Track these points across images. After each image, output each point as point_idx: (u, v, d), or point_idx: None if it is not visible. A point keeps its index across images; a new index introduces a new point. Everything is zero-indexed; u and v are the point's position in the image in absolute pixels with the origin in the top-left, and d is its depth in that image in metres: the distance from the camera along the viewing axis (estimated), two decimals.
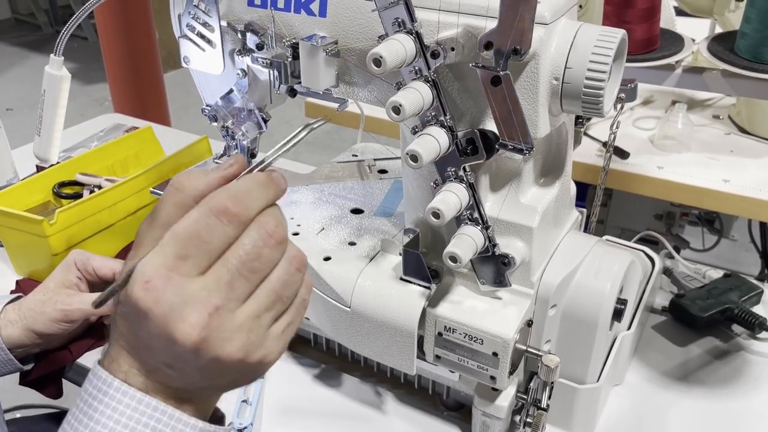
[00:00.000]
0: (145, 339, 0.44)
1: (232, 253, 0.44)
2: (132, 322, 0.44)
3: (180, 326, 0.42)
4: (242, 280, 0.44)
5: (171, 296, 0.42)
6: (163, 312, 0.42)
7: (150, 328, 0.43)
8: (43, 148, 0.73)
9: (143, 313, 0.42)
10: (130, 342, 0.45)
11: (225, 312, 0.43)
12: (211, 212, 0.44)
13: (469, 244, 0.69)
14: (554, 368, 0.71)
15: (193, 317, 0.42)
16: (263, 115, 0.90)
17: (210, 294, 0.43)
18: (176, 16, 0.83)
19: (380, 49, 0.60)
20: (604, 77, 0.63)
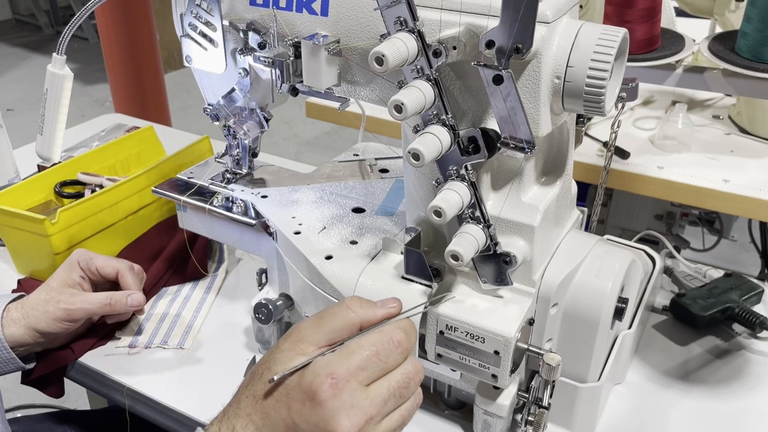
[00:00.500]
0: (298, 419, 0.53)
1: (393, 377, 0.56)
2: (292, 403, 0.53)
3: (343, 422, 0.52)
4: (392, 401, 0.55)
5: (346, 396, 0.52)
6: (336, 407, 0.52)
7: (314, 415, 0.52)
8: (46, 147, 0.73)
9: (319, 401, 0.52)
10: (271, 419, 0.54)
11: (374, 422, 0.54)
12: (392, 341, 0.56)
13: (471, 243, 0.69)
14: (555, 367, 0.71)
15: (355, 419, 0.52)
16: (265, 114, 0.90)
17: (371, 405, 0.53)
18: (178, 16, 0.83)
19: (382, 47, 0.60)
20: (605, 76, 0.63)
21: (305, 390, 0.53)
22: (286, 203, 0.92)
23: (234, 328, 0.99)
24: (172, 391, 0.88)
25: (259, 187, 0.96)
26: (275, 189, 0.95)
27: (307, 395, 0.53)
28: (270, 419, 0.54)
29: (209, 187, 0.96)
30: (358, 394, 0.53)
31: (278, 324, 0.93)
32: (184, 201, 0.94)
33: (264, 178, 0.98)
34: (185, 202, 0.95)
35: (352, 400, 0.52)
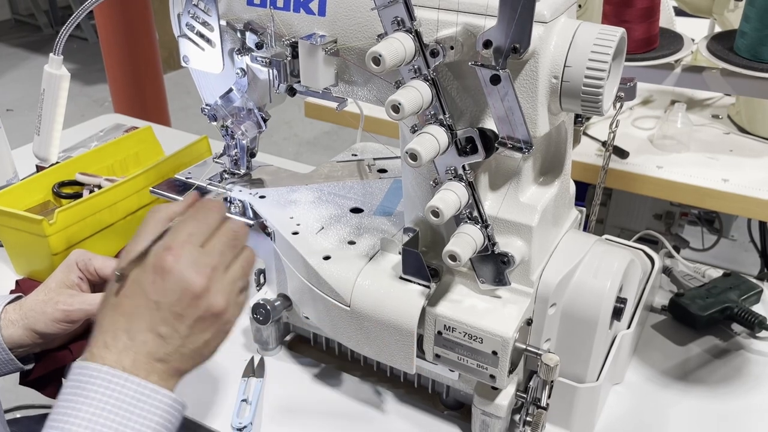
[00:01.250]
0: (155, 296, 0.58)
1: (221, 232, 0.62)
2: (146, 286, 0.58)
3: (194, 277, 0.58)
4: (228, 252, 0.62)
5: (187, 257, 0.58)
6: (183, 268, 0.58)
7: (167, 283, 0.58)
8: (43, 148, 0.73)
9: (167, 269, 0.58)
10: (134, 315, 0.58)
11: (220, 271, 0.60)
12: (204, 207, 0.62)
13: (469, 243, 0.69)
14: (554, 367, 0.71)
15: (203, 271, 0.59)
16: (263, 114, 0.90)
17: (211, 257, 0.60)
18: (176, 16, 0.83)
19: (379, 47, 0.60)
20: (603, 75, 0.63)
21: (151, 269, 0.58)
22: (284, 203, 0.92)
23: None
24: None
25: (257, 187, 0.96)
26: (273, 189, 0.95)
27: (155, 271, 0.58)
28: (133, 315, 0.58)
29: (207, 187, 0.96)
30: (196, 252, 0.59)
31: (276, 324, 0.93)
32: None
33: (262, 179, 0.98)
34: None
35: (194, 258, 0.59)
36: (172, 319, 0.58)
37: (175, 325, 0.59)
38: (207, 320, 0.60)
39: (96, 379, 0.56)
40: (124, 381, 0.56)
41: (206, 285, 0.59)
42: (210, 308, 0.59)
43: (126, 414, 0.55)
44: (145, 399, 0.56)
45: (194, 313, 0.59)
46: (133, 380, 0.56)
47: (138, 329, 0.58)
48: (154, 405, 0.57)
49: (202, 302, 0.59)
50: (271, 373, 0.91)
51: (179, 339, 0.59)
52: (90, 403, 0.55)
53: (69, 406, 0.55)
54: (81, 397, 0.55)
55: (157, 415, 0.57)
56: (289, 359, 0.94)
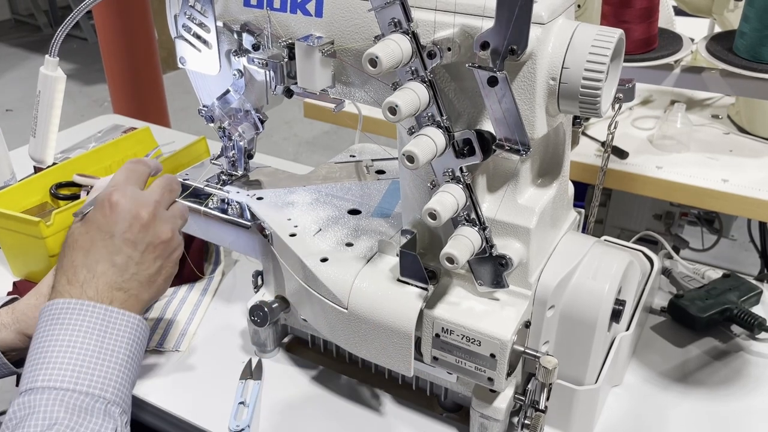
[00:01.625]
0: (108, 227, 0.64)
1: (158, 179, 0.71)
2: (98, 221, 0.64)
3: (140, 208, 0.66)
4: (167, 194, 0.70)
5: (131, 195, 0.66)
6: (130, 203, 0.65)
7: (117, 215, 0.64)
8: (38, 150, 0.73)
9: (114, 203, 0.65)
10: (89, 250, 0.64)
11: (163, 206, 0.68)
12: (134, 161, 0.73)
13: (466, 245, 0.68)
14: (552, 370, 0.71)
15: (148, 206, 0.66)
16: (260, 115, 0.89)
17: (153, 194, 0.68)
18: (172, 17, 0.83)
19: (376, 49, 0.59)
20: (601, 77, 0.62)
21: (100, 206, 0.65)
22: (282, 205, 0.91)
23: (230, 330, 0.99)
24: (167, 394, 0.88)
25: (255, 188, 0.95)
26: (271, 191, 0.95)
27: (105, 207, 0.65)
28: (89, 249, 0.64)
29: (204, 188, 0.96)
30: (138, 192, 0.68)
31: (274, 326, 0.93)
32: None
33: (260, 180, 0.98)
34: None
35: (138, 195, 0.67)
36: (125, 246, 0.65)
37: (129, 253, 0.65)
38: (157, 247, 0.67)
39: (65, 311, 0.61)
40: (91, 308, 0.61)
41: (152, 213, 0.67)
42: (158, 235, 0.67)
43: (100, 335, 0.61)
44: (114, 321, 0.62)
45: (144, 239, 0.66)
46: (99, 306, 0.62)
47: (95, 260, 0.64)
48: (123, 325, 0.63)
49: (150, 230, 0.66)
50: (268, 375, 0.91)
51: (134, 266, 0.65)
52: (65, 330, 0.60)
53: (46, 336, 0.60)
54: (57, 326, 0.61)
55: (128, 333, 0.63)
56: (286, 361, 0.94)
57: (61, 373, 0.59)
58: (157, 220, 0.67)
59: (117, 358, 0.62)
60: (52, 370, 0.58)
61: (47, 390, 0.58)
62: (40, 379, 0.58)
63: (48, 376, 0.58)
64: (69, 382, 0.58)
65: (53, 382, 0.58)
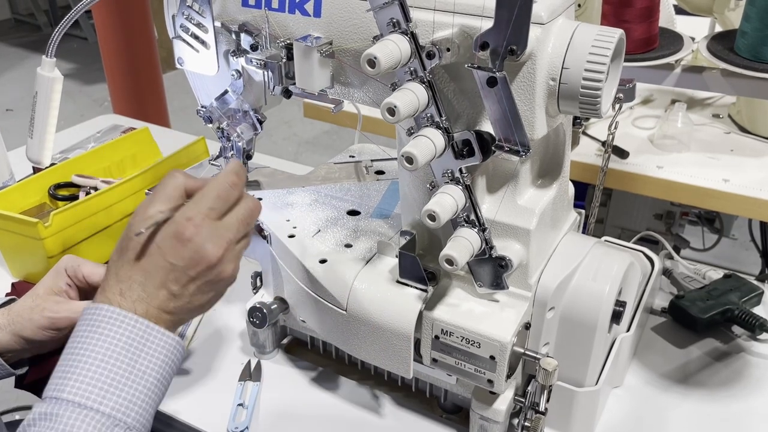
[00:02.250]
0: (173, 259, 0.63)
1: (238, 209, 0.67)
2: (166, 250, 0.63)
3: (211, 249, 0.64)
4: (242, 227, 0.67)
5: (206, 230, 0.64)
6: (201, 239, 0.64)
7: (185, 250, 0.63)
8: (36, 151, 0.72)
9: (186, 239, 0.63)
10: (151, 272, 0.64)
11: (232, 245, 0.66)
12: (228, 182, 0.66)
13: (466, 247, 0.68)
14: (552, 371, 0.70)
15: (219, 243, 0.65)
16: (258, 116, 0.89)
17: (228, 231, 0.66)
18: (170, 17, 0.82)
19: (374, 49, 0.59)
20: (601, 77, 0.62)
21: (172, 236, 0.64)
22: (281, 206, 0.91)
23: (229, 331, 0.99)
24: (166, 395, 0.87)
25: (254, 189, 0.95)
26: (270, 191, 0.94)
27: (176, 238, 0.64)
28: (150, 272, 0.64)
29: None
30: (214, 226, 0.65)
31: (273, 327, 0.92)
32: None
33: (258, 180, 0.97)
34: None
35: (212, 231, 0.65)
36: (185, 280, 0.65)
37: (187, 286, 0.65)
38: (217, 284, 0.67)
39: (110, 320, 0.62)
40: (134, 322, 0.62)
41: (221, 256, 0.65)
42: (220, 275, 0.67)
43: (135, 352, 0.62)
44: (153, 339, 0.63)
45: (205, 277, 0.66)
46: (142, 322, 0.62)
47: (153, 285, 0.64)
48: (161, 345, 0.63)
49: (215, 269, 0.66)
50: (267, 376, 0.91)
51: (188, 297, 0.66)
52: (104, 340, 0.61)
53: (84, 341, 0.61)
54: (96, 334, 0.61)
55: (163, 354, 0.63)
56: (285, 363, 0.93)
57: (89, 388, 0.59)
58: (224, 261, 0.66)
59: (147, 379, 0.62)
60: (80, 382, 0.59)
61: (71, 404, 0.58)
62: (68, 389, 0.59)
63: (76, 387, 0.59)
64: (94, 401, 0.59)
65: (79, 397, 0.59)
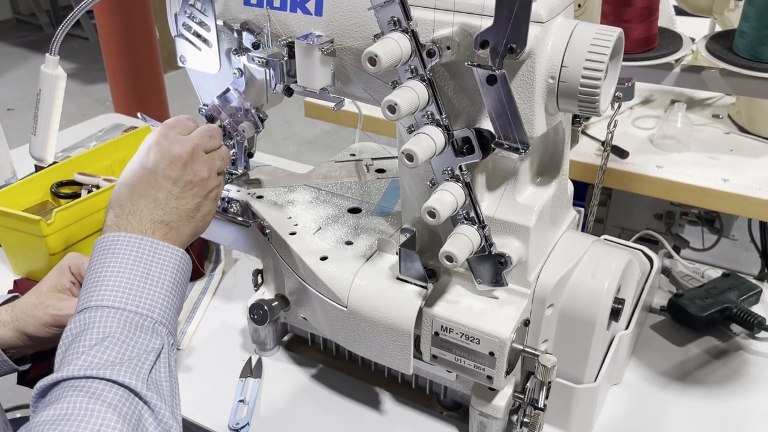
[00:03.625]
0: (150, 165, 0.69)
1: (198, 129, 0.75)
2: (141, 158, 0.70)
3: (179, 148, 0.71)
4: (205, 137, 0.74)
5: (172, 135, 0.72)
6: (169, 141, 0.71)
7: (158, 152, 0.70)
8: (39, 148, 0.73)
9: (156, 143, 0.70)
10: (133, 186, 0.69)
11: (200, 148, 0.73)
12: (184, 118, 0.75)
13: (466, 244, 0.69)
14: (551, 368, 0.71)
15: (185, 144, 0.72)
16: (260, 114, 0.89)
17: (192, 138, 0.73)
18: (172, 16, 0.83)
19: (375, 48, 0.60)
20: (600, 76, 0.62)
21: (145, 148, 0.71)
22: (282, 203, 0.92)
23: (230, 328, 0.99)
24: None
25: (255, 187, 0.96)
26: (271, 189, 0.95)
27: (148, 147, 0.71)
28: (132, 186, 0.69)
29: None
30: (180, 135, 0.73)
31: (274, 325, 0.93)
32: None
33: (260, 179, 0.98)
34: None
35: (178, 138, 0.72)
36: (166, 182, 0.70)
37: (169, 188, 0.70)
38: (195, 185, 0.72)
39: (115, 243, 0.66)
40: (138, 240, 0.66)
41: (190, 153, 0.71)
42: (196, 173, 0.72)
43: (146, 264, 0.66)
44: (158, 253, 0.67)
45: (183, 176, 0.71)
46: (144, 239, 0.66)
47: (138, 195, 0.69)
48: (167, 256, 0.67)
49: (188, 168, 0.71)
50: (268, 373, 0.91)
51: (174, 200, 0.70)
52: (115, 258, 0.65)
53: (98, 264, 0.65)
54: (108, 255, 0.65)
55: (171, 263, 0.67)
56: (286, 359, 0.94)
57: (113, 294, 0.63)
58: (196, 160, 0.72)
59: (162, 284, 0.66)
60: (104, 291, 0.63)
61: (101, 308, 0.62)
62: (94, 299, 0.62)
63: (101, 295, 0.63)
64: (120, 302, 0.63)
65: (106, 301, 0.62)
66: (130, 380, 0.58)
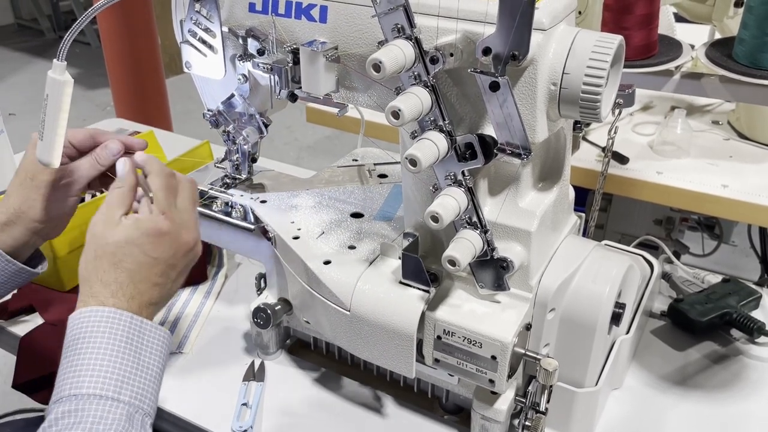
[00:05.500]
0: (155, 255, 0.68)
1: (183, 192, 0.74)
2: (147, 247, 0.67)
3: (185, 234, 0.71)
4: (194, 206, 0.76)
5: (177, 220, 0.71)
6: (176, 228, 0.70)
7: (164, 242, 0.69)
8: (46, 153, 0.73)
9: (165, 232, 0.69)
10: (135, 271, 0.67)
11: (196, 224, 0.74)
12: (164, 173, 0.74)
13: (468, 248, 0.69)
14: (553, 372, 0.71)
15: (189, 227, 0.72)
16: (264, 119, 0.90)
17: (189, 215, 0.73)
18: (178, 22, 0.84)
19: (379, 54, 0.60)
20: (601, 82, 0.63)
21: (149, 233, 0.68)
22: (285, 208, 0.92)
23: (233, 332, 1.00)
24: (171, 395, 0.89)
25: (258, 192, 0.96)
26: (274, 194, 0.96)
27: (153, 234, 0.68)
28: (133, 271, 0.67)
29: (209, 192, 0.97)
30: (182, 215, 0.72)
31: (277, 328, 0.93)
32: None
33: (263, 183, 0.99)
34: None
35: (183, 221, 0.72)
36: (169, 270, 0.69)
37: (170, 274, 0.70)
38: (189, 265, 0.73)
39: (109, 319, 0.63)
40: (130, 320, 0.64)
41: (195, 239, 0.72)
42: (197, 253, 0.73)
43: (137, 348, 0.64)
44: (149, 334, 0.65)
45: (184, 262, 0.71)
46: (137, 319, 0.65)
47: (139, 280, 0.67)
48: (156, 338, 0.66)
49: (192, 252, 0.72)
50: (271, 377, 0.92)
51: (170, 284, 0.70)
52: (107, 338, 0.62)
53: (87, 341, 0.62)
54: (98, 333, 0.62)
55: (160, 346, 0.66)
56: (289, 363, 0.94)
57: (106, 382, 0.60)
58: (198, 243, 0.73)
59: (152, 370, 0.65)
60: (96, 378, 0.60)
61: (93, 397, 0.59)
62: (86, 386, 0.60)
63: (94, 383, 0.60)
64: (114, 392, 0.60)
65: (99, 390, 0.60)
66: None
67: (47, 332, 0.97)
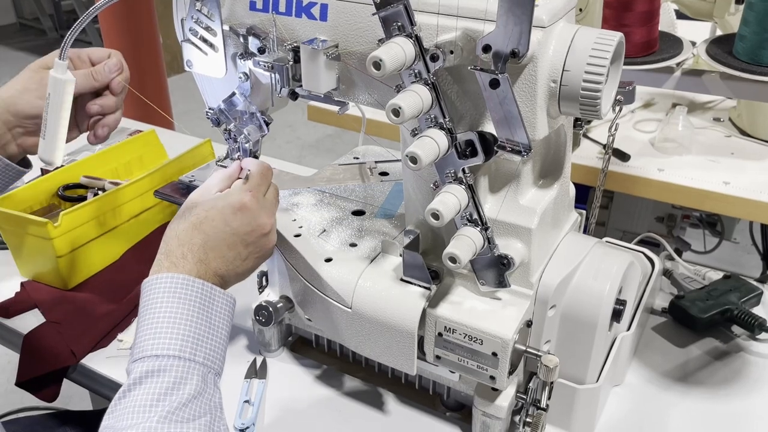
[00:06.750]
0: (234, 224, 0.72)
1: (271, 189, 0.80)
2: (227, 216, 0.72)
3: (264, 217, 0.75)
4: (276, 204, 0.80)
5: (261, 201, 0.75)
6: (257, 208, 0.74)
7: (244, 217, 0.73)
8: (48, 151, 0.74)
9: (247, 207, 0.73)
10: (210, 235, 0.71)
11: (275, 218, 0.78)
12: (265, 165, 0.80)
13: (469, 245, 0.69)
14: (553, 368, 0.71)
15: (269, 214, 0.76)
16: (265, 118, 0.90)
17: (271, 206, 0.78)
18: (179, 21, 0.84)
19: (380, 52, 0.61)
20: (601, 79, 0.63)
21: (233, 203, 0.72)
22: (287, 206, 0.93)
23: (235, 330, 1.00)
24: None
25: None
26: None
27: (237, 206, 0.72)
28: (209, 235, 0.71)
29: None
30: (264, 200, 0.76)
31: (279, 326, 0.94)
32: None
33: None
34: None
35: (266, 205, 0.76)
36: (240, 246, 0.73)
37: (241, 251, 0.73)
38: (264, 254, 0.76)
39: (183, 286, 0.67)
40: (201, 286, 0.68)
41: (272, 225, 0.76)
42: (267, 244, 0.76)
43: (208, 310, 0.68)
44: (217, 300, 0.69)
45: (258, 244, 0.74)
46: (207, 285, 0.69)
47: (211, 247, 0.71)
48: (224, 303, 0.70)
49: (266, 239, 0.75)
50: (273, 374, 0.92)
51: (239, 262, 0.73)
52: (181, 303, 0.66)
53: (163, 305, 0.65)
54: (174, 298, 0.66)
55: (226, 310, 0.70)
56: (291, 361, 0.95)
57: (184, 344, 0.64)
58: (273, 231, 0.76)
59: (220, 333, 0.69)
60: (174, 340, 0.64)
61: (173, 359, 0.63)
62: (165, 347, 0.64)
63: (173, 346, 0.64)
64: (191, 353, 0.64)
65: (179, 352, 0.64)
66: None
67: (50, 331, 0.97)
